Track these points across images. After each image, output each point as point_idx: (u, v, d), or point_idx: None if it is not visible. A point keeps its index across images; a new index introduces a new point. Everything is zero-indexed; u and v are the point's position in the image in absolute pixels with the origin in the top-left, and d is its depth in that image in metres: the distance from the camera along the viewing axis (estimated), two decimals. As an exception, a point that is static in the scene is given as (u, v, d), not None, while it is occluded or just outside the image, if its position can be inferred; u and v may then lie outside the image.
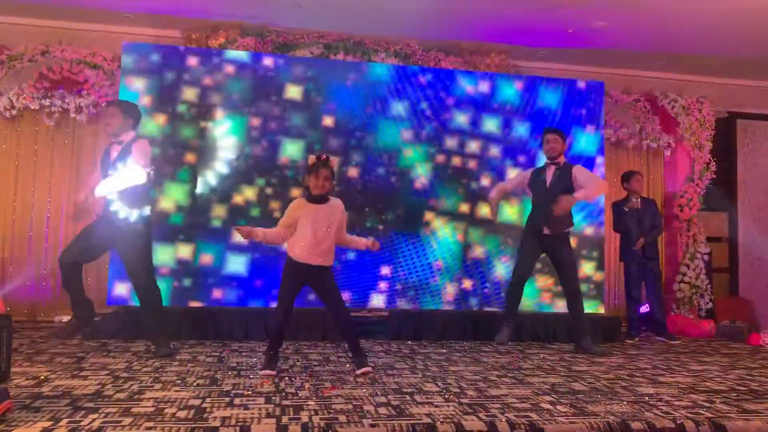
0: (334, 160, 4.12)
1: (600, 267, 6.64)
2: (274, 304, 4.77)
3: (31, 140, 6.40)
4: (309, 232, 3.89)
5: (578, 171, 5.14)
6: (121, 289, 5.67)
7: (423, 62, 6.92)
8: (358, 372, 3.91)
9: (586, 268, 6.56)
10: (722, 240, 8.15)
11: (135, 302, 5.39)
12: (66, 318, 6.07)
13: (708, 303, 7.37)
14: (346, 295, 5.67)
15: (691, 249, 7.39)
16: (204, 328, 5.35)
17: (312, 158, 3.96)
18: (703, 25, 6.35)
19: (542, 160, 5.54)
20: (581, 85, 6.78)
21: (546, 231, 5.14)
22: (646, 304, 6.95)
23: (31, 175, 6.38)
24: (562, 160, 5.21)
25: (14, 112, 6.24)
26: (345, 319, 4.09)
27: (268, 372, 3.84)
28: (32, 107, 6.23)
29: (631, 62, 7.44)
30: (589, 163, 6.59)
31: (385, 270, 6.17)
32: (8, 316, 2.78)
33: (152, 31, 6.67)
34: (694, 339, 6.49)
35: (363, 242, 4.14)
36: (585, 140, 6.69)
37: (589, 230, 6.60)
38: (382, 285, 6.17)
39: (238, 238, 4.01)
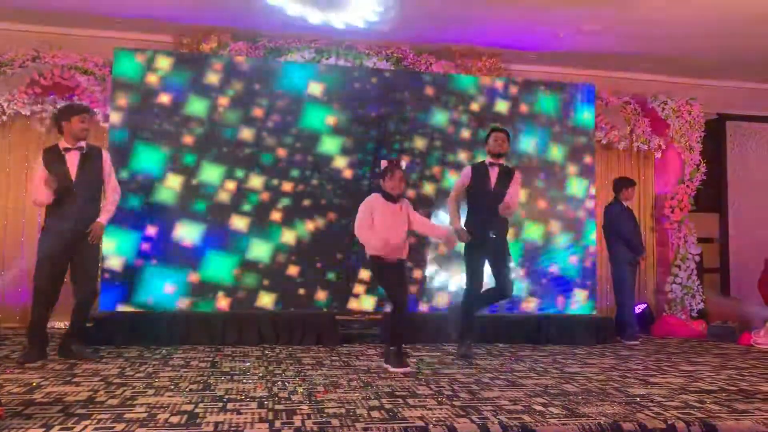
0: (404, 162, 4.68)
1: (592, 270, 6.67)
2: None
3: (22, 146, 6.39)
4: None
5: (516, 181, 5.04)
6: (113, 295, 5.64)
7: (415, 66, 6.95)
8: (391, 369, 4.25)
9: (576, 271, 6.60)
10: (713, 241, 8.20)
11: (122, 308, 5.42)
12: (58, 324, 6.05)
13: (699, 304, 7.41)
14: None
15: (683, 250, 7.44)
16: (197, 333, 5.34)
17: (384, 162, 4.51)
18: (692, 28, 6.40)
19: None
20: (571, 88, 6.82)
21: (492, 235, 4.91)
22: (642, 305, 7.01)
23: (22, 181, 6.35)
24: (503, 160, 5.08)
25: (5, 118, 6.23)
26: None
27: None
28: (23, 113, 6.22)
29: (621, 65, 7.50)
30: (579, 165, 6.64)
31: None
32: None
33: (144, 37, 6.66)
34: (685, 339, 6.52)
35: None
36: (575, 143, 6.72)
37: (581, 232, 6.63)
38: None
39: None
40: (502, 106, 6.59)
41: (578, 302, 6.53)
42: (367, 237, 4.34)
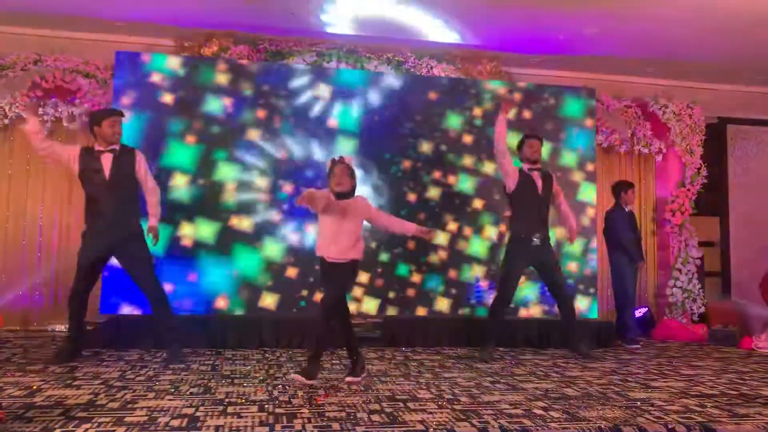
0: (348, 158, 4.17)
1: (593, 274, 6.67)
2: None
3: (23, 149, 6.39)
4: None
5: (557, 184, 5.31)
6: (114, 298, 5.65)
7: (416, 69, 6.96)
8: (347, 379, 3.94)
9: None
10: (714, 244, 8.19)
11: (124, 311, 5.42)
12: (58, 327, 6.07)
13: (701, 307, 7.41)
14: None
15: (683, 254, 7.43)
16: (197, 336, 5.34)
17: (328, 162, 4.18)
18: (693, 31, 6.41)
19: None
20: (572, 90, 6.83)
21: (536, 240, 5.10)
22: (643, 309, 6.99)
23: (24, 185, 6.37)
24: (541, 166, 5.27)
25: (7, 122, 6.25)
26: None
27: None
28: (25, 116, 6.21)
29: (622, 68, 7.50)
30: (580, 169, 6.64)
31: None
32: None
33: (145, 40, 6.68)
34: (686, 343, 6.51)
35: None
36: (576, 146, 6.72)
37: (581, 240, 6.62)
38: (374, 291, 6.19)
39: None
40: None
41: (580, 306, 6.52)
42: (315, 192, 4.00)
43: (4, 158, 6.37)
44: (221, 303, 5.90)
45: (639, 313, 7.00)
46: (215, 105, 6.07)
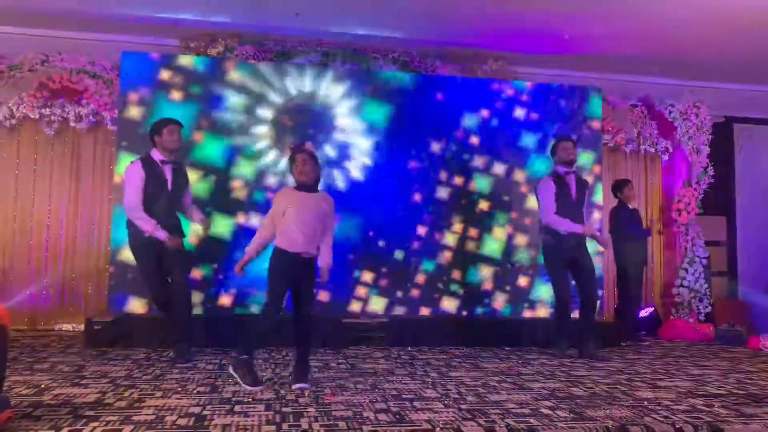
0: (308, 144, 4.05)
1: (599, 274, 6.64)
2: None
3: (31, 149, 6.43)
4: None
5: (589, 189, 5.47)
6: (122, 296, 5.66)
7: (420, 69, 6.95)
8: (294, 386, 3.66)
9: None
10: (721, 244, 8.16)
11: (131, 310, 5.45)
12: (65, 327, 6.11)
13: (707, 307, 7.38)
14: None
15: (690, 253, 7.41)
16: (204, 335, 5.35)
17: (288, 150, 3.94)
18: (699, 30, 6.38)
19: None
20: (578, 90, 6.81)
21: (573, 241, 5.12)
22: (649, 308, 6.98)
23: (31, 184, 6.40)
24: (575, 169, 5.34)
25: (14, 122, 6.28)
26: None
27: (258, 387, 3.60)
28: (32, 116, 6.27)
29: (628, 67, 7.48)
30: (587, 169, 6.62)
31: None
32: (3, 326, 2.78)
33: (151, 40, 6.69)
34: (693, 343, 6.49)
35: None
36: (582, 146, 6.70)
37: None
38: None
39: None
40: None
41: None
42: (252, 245, 3.83)
43: (12, 158, 6.40)
44: (226, 301, 5.90)
45: (645, 312, 6.99)
46: (224, 104, 6.06)
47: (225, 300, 5.91)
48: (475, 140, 6.51)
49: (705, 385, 4.08)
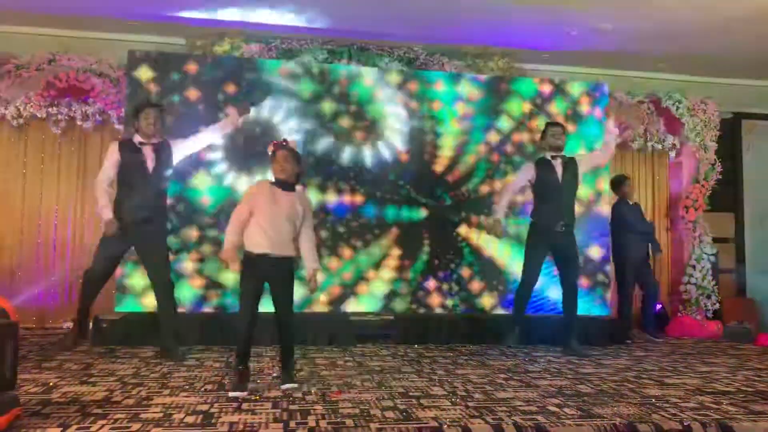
0: (292, 142, 3.84)
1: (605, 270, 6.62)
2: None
3: (38, 148, 6.46)
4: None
5: (581, 160, 5.37)
6: (129, 294, 5.68)
7: (427, 66, 6.95)
8: (283, 387, 3.59)
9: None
10: (729, 241, 8.12)
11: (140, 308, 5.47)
12: (68, 324, 6.13)
13: (715, 304, 7.35)
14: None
15: (697, 250, 7.38)
16: (211, 333, 5.37)
17: (270, 146, 3.78)
18: (706, 26, 6.35)
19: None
20: (584, 86, 6.77)
21: (559, 228, 5.15)
22: (657, 305, 6.96)
23: (39, 183, 6.43)
24: (563, 153, 5.31)
25: (21, 121, 6.31)
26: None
27: (239, 393, 3.43)
28: (39, 115, 6.29)
29: (635, 64, 7.45)
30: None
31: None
32: (15, 323, 2.80)
33: (157, 39, 6.71)
34: (700, 340, 6.47)
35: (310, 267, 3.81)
36: (589, 143, 6.67)
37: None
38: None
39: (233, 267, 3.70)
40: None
41: (592, 303, 6.48)
42: (230, 231, 3.67)
43: (19, 157, 6.43)
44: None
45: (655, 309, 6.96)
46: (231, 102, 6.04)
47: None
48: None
49: (713, 382, 4.07)
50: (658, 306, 7.14)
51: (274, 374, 4.03)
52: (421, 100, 6.41)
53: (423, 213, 6.29)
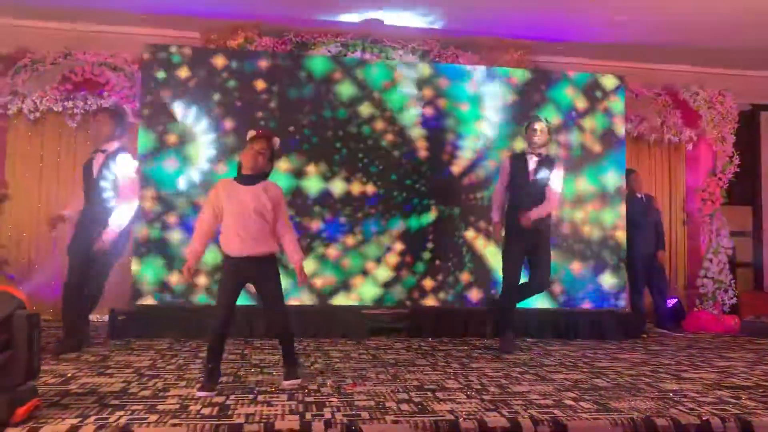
0: (276, 139, 3.64)
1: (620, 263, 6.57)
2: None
3: (54, 142, 6.51)
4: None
5: (556, 173, 4.97)
6: (146, 288, 5.71)
7: (441, 59, 6.91)
8: (285, 383, 3.49)
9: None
10: (746, 234, 8.04)
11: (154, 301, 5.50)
12: (90, 317, 6.18)
13: (732, 298, 7.29)
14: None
15: (714, 244, 7.31)
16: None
17: (251, 132, 3.61)
18: (725, 17, 6.26)
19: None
20: (600, 79, 6.70)
21: (526, 226, 4.83)
22: (673, 299, 6.92)
23: (55, 176, 6.48)
24: (544, 151, 5.05)
25: (38, 115, 6.35)
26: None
27: (206, 393, 3.23)
28: (55, 109, 6.34)
29: (652, 56, 7.36)
30: (610, 158, 6.53)
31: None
32: (37, 314, 2.83)
33: (171, 33, 6.72)
34: (717, 335, 6.41)
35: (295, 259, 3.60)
36: (605, 135, 6.61)
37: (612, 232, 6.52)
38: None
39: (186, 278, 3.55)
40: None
41: (607, 296, 6.44)
42: (192, 239, 3.54)
43: (35, 151, 6.48)
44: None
45: (669, 303, 6.91)
46: (248, 96, 6.05)
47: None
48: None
49: (731, 377, 4.02)
50: (674, 300, 7.08)
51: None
52: (449, 97, 6.34)
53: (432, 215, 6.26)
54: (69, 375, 3.65)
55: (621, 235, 6.43)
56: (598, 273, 6.39)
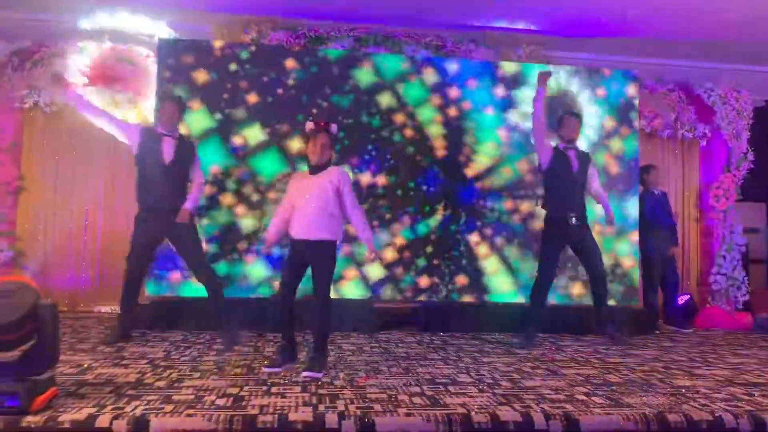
0: (334, 126, 3.89)
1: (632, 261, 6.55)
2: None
3: (70, 135, 6.55)
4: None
5: (593, 166, 5.26)
6: (160, 280, 5.76)
7: (454, 54, 6.90)
8: (304, 374, 3.52)
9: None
10: (759, 231, 7.98)
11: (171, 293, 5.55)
12: (104, 309, 6.27)
13: (745, 295, 7.24)
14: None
15: (728, 240, 7.27)
16: (239, 318, 5.41)
17: (310, 124, 3.84)
18: (741, 12, 6.20)
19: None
20: (614, 74, 6.66)
21: (574, 220, 4.99)
22: (685, 296, 6.89)
23: (71, 170, 6.54)
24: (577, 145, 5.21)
25: (54, 108, 6.41)
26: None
27: (270, 369, 3.65)
28: (71, 103, 6.37)
29: (666, 51, 7.30)
30: (622, 155, 6.50)
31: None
32: (54, 304, 2.88)
33: (185, 27, 6.73)
34: (730, 331, 6.38)
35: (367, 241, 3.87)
36: (619, 132, 6.57)
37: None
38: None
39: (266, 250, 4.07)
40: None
41: (618, 293, 6.42)
42: (271, 223, 3.97)
43: (51, 143, 6.54)
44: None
45: (681, 300, 6.89)
46: (264, 91, 6.07)
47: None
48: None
49: (744, 374, 4.01)
50: (686, 297, 7.05)
51: (301, 359, 4.06)
52: (474, 99, 6.34)
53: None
54: (85, 365, 3.70)
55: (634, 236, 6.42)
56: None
